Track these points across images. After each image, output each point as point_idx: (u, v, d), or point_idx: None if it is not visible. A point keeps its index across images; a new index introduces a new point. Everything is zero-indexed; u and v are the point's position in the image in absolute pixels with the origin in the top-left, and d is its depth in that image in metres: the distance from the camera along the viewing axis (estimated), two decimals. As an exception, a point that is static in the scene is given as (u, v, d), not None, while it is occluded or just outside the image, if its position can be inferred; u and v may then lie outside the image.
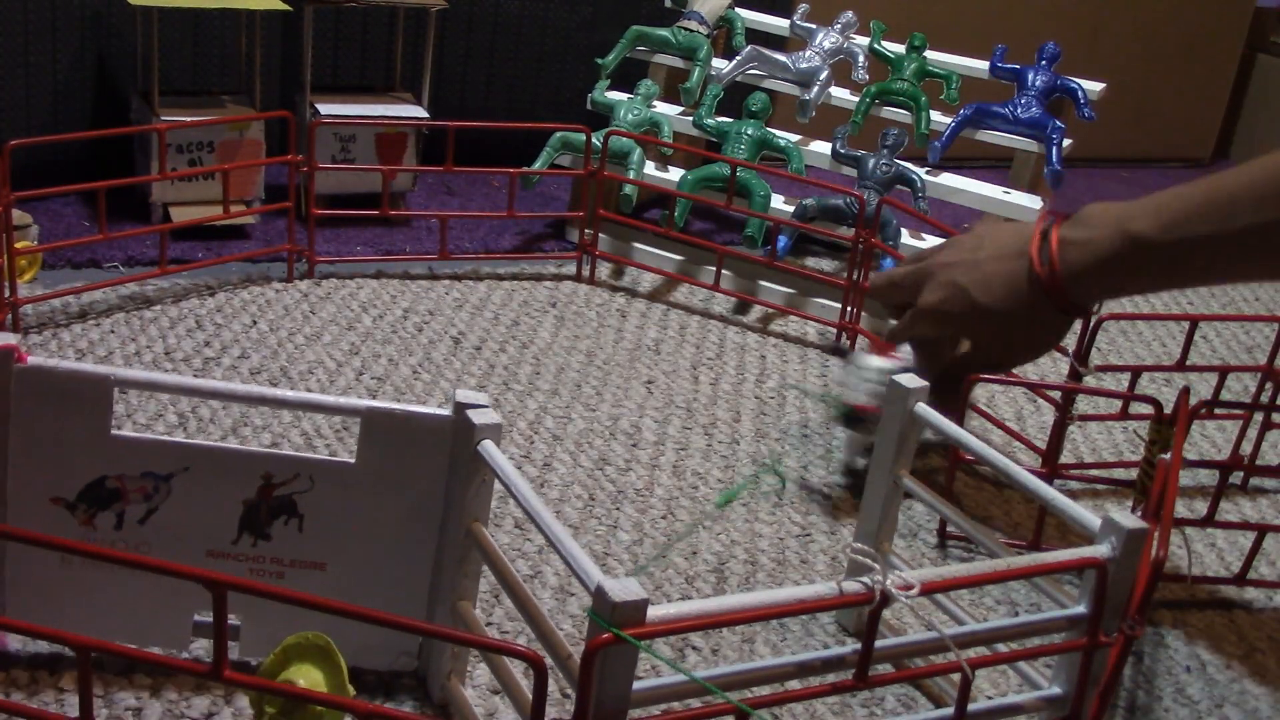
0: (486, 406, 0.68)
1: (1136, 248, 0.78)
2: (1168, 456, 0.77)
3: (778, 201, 1.42)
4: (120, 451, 0.68)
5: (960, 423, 0.87)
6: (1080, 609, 0.66)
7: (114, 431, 0.68)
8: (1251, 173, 0.74)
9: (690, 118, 1.49)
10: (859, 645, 0.60)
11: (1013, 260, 0.85)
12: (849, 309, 1.30)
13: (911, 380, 0.78)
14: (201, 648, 0.73)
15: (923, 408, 0.78)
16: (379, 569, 0.72)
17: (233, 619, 0.70)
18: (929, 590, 0.59)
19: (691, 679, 0.56)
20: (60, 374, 0.67)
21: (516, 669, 0.66)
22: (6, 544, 0.69)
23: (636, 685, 0.55)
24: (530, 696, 0.56)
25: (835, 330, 1.32)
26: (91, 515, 0.69)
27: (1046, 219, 0.85)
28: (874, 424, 0.88)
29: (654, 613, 0.54)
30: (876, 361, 0.96)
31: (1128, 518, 0.64)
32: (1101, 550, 0.64)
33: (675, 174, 1.44)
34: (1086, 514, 0.67)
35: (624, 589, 0.53)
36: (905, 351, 0.96)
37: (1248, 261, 0.76)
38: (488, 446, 0.67)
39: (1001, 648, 0.70)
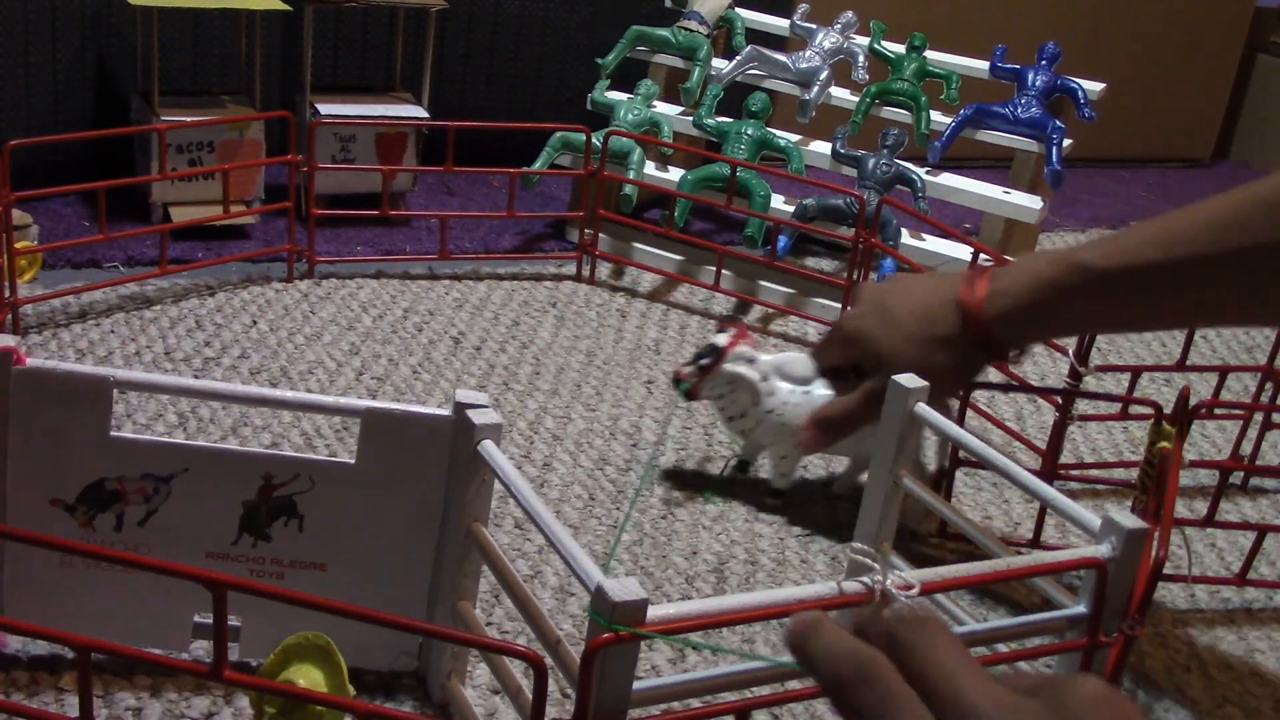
0: (486, 406, 0.68)
1: (1079, 273, 0.75)
2: (1168, 456, 0.77)
3: (778, 201, 1.42)
4: (120, 453, 0.68)
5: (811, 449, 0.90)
6: (1080, 609, 0.66)
7: (113, 433, 0.68)
8: (1202, 207, 0.72)
9: (690, 118, 1.49)
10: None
11: (943, 291, 0.83)
12: (849, 309, 1.30)
13: (911, 380, 0.78)
14: (201, 648, 0.73)
15: (922, 408, 0.78)
16: (379, 569, 0.72)
17: (233, 620, 0.70)
18: (929, 590, 0.59)
19: (691, 644, 0.56)
20: (59, 375, 0.67)
21: (516, 669, 0.66)
22: (6, 545, 0.69)
23: (636, 685, 0.55)
24: (530, 696, 0.56)
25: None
26: (91, 517, 0.69)
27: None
28: (676, 387, 0.94)
29: (654, 613, 0.54)
30: (721, 338, 0.95)
31: (1128, 518, 0.64)
32: (1101, 550, 0.64)
33: (675, 174, 1.44)
34: (1086, 514, 0.67)
35: (624, 589, 0.53)
36: (781, 358, 0.95)
37: (1188, 294, 0.72)
38: (488, 446, 0.67)
39: (1001, 648, 0.70)
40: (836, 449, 0.96)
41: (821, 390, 0.93)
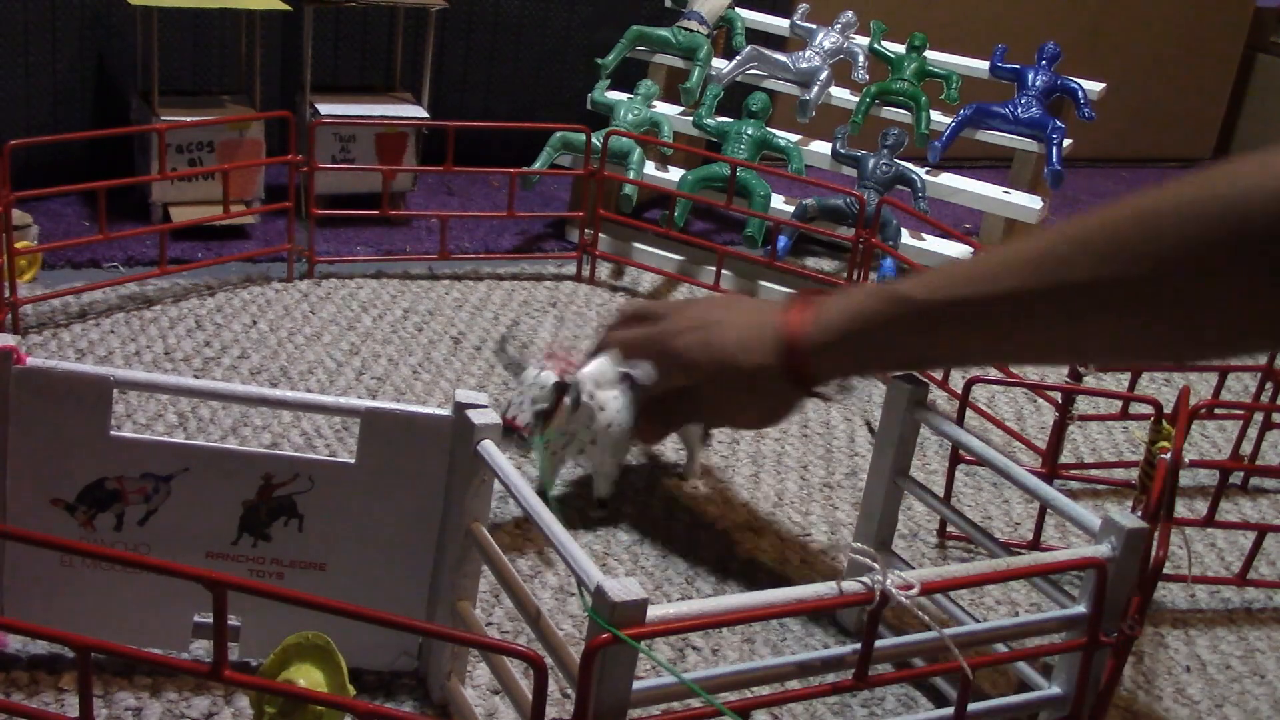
0: (486, 407, 0.68)
1: (899, 305, 0.71)
2: (1168, 456, 0.77)
3: (778, 201, 1.42)
4: (120, 452, 0.68)
5: (648, 443, 0.84)
6: (1080, 609, 0.66)
7: (113, 432, 0.68)
8: (1028, 242, 0.68)
9: (690, 118, 1.49)
10: (859, 645, 0.60)
11: (766, 316, 0.78)
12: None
13: (910, 380, 0.78)
14: (201, 648, 0.73)
15: (920, 408, 0.77)
16: (379, 569, 0.72)
17: (233, 620, 0.70)
18: (929, 590, 0.59)
19: (682, 682, 0.56)
20: (59, 375, 0.67)
21: (516, 669, 0.66)
22: (6, 545, 0.69)
23: (636, 685, 0.55)
24: (530, 696, 0.56)
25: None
26: (91, 516, 0.69)
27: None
28: (522, 445, 0.81)
29: (654, 612, 0.54)
30: (548, 376, 0.82)
31: (1128, 518, 0.64)
32: (1101, 550, 0.64)
33: (675, 174, 1.44)
34: (1086, 514, 0.67)
35: (624, 589, 0.52)
36: (592, 369, 0.84)
37: (1007, 330, 0.68)
38: (488, 446, 0.67)
39: (1001, 648, 0.70)
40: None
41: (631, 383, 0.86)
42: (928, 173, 1.42)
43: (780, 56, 1.49)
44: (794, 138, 1.47)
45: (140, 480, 0.69)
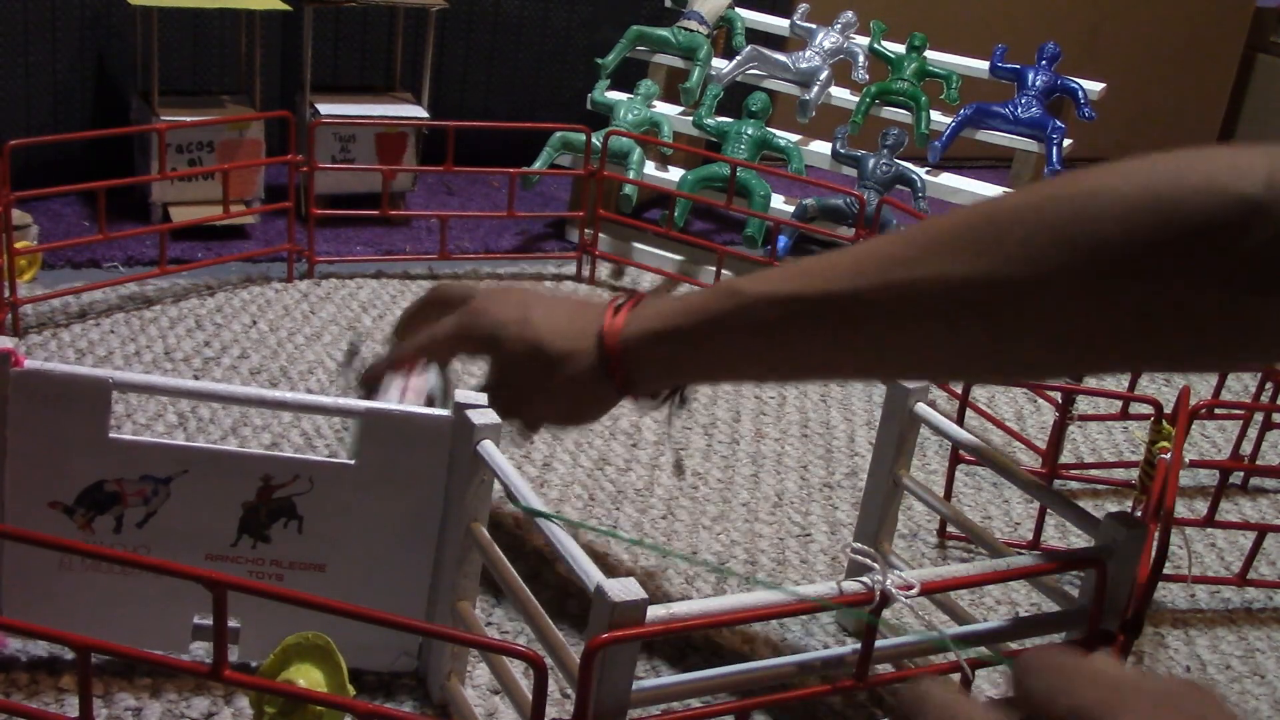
0: (486, 406, 0.68)
1: (731, 299, 0.65)
2: (1168, 456, 0.77)
3: (778, 201, 1.42)
4: (118, 455, 0.68)
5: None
6: (1080, 609, 0.66)
7: (112, 434, 0.68)
8: (878, 242, 0.64)
9: (690, 118, 1.49)
10: (859, 645, 0.60)
11: (591, 310, 0.73)
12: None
13: (910, 380, 0.78)
14: (202, 648, 0.73)
15: (923, 407, 0.77)
16: (379, 570, 0.72)
17: (232, 622, 0.70)
18: (929, 590, 0.59)
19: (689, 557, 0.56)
20: (58, 378, 0.67)
21: (516, 669, 0.66)
22: (4, 548, 0.69)
23: (636, 685, 0.55)
24: (530, 696, 0.56)
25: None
26: (90, 519, 0.69)
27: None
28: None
29: (654, 613, 0.54)
30: (393, 392, 0.76)
31: (1128, 518, 0.64)
32: (1101, 550, 0.64)
33: (675, 174, 1.44)
34: (1086, 514, 0.67)
35: (624, 589, 0.52)
36: (427, 380, 0.78)
37: (846, 335, 0.63)
38: (487, 446, 0.67)
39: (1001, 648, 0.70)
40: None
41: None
42: (928, 173, 1.42)
43: (780, 56, 1.50)
44: (794, 138, 1.47)
45: (139, 482, 0.69)
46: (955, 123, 1.43)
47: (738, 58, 1.51)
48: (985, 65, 1.50)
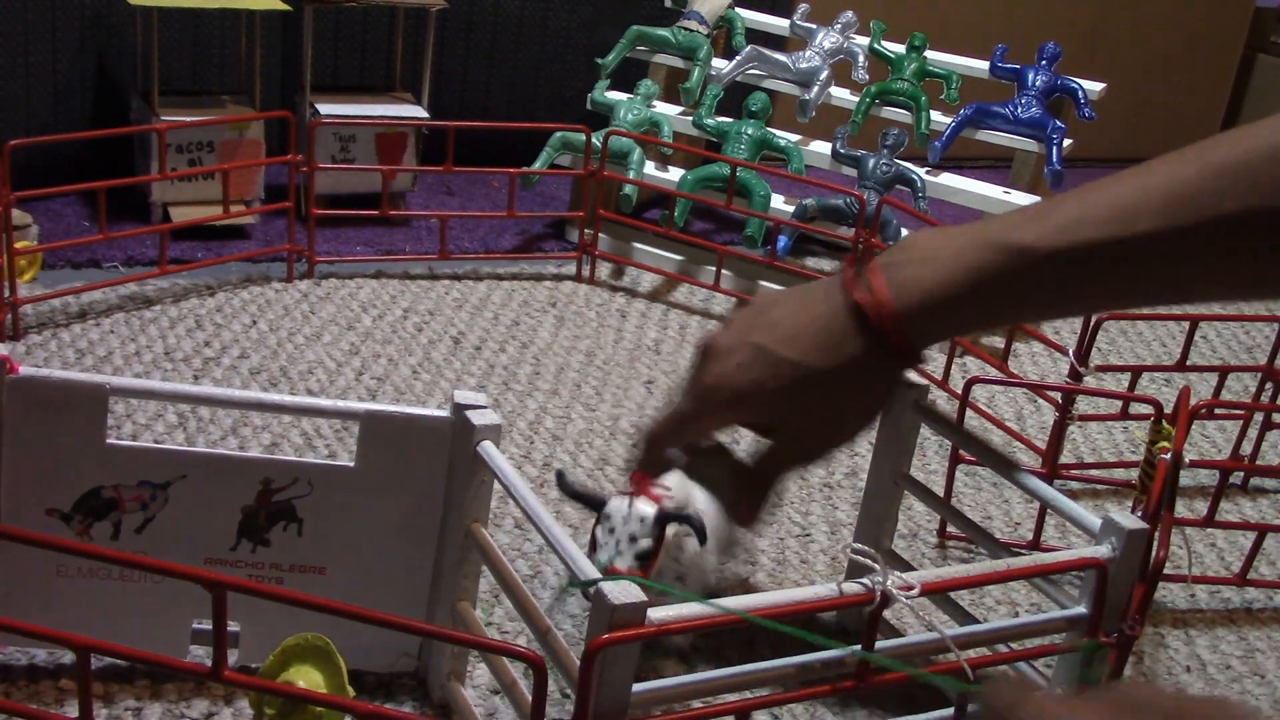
0: (486, 407, 0.68)
1: (1009, 257, 0.62)
2: (1168, 456, 0.77)
3: (778, 201, 1.42)
4: (116, 461, 0.68)
5: (752, 523, 0.70)
6: (1080, 609, 0.66)
7: (109, 440, 0.68)
8: (1151, 175, 0.62)
9: (690, 118, 1.49)
10: (859, 646, 0.60)
11: (820, 303, 0.67)
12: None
13: (911, 378, 0.77)
14: (202, 649, 0.73)
15: (922, 408, 0.77)
16: (379, 571, 0.71)
17: (232, 626, 0.70)
18: (929, 591, 0.59)
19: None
20: (54, 384, 0.66)
21: (516, 669, 0.66)
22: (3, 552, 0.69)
23: (637, 687, 0.55)
24: (530, 697, 0.56)
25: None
26: (88, 525, 0.69)
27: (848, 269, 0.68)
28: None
29: (654, 614, 0.54)
30: (644, 507, 0.67)
31: (1128, 518, 0.64)
32: (1101, 550, 0.64)
33: (675, 174, 1.44)
34: (1086, 514, 0.67)
35: (623, 591, 0.52)
36: (673, 482, 0.70)
37: (1142, 274, 0.62)
38: (487, 447, 0.67)
39: (1001, 648, 0.70)
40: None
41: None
42: (928, 173, 1.42)
43: (780, 56, 1.49)
44: (794, 138, 1.46)
45: (137, 488, 0.68)
46: (955, 123, 1.43)
47: (738, 58, 1.51)
48: (985, 65, 1.50)
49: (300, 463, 0.70)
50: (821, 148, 1.46)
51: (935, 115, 1.45)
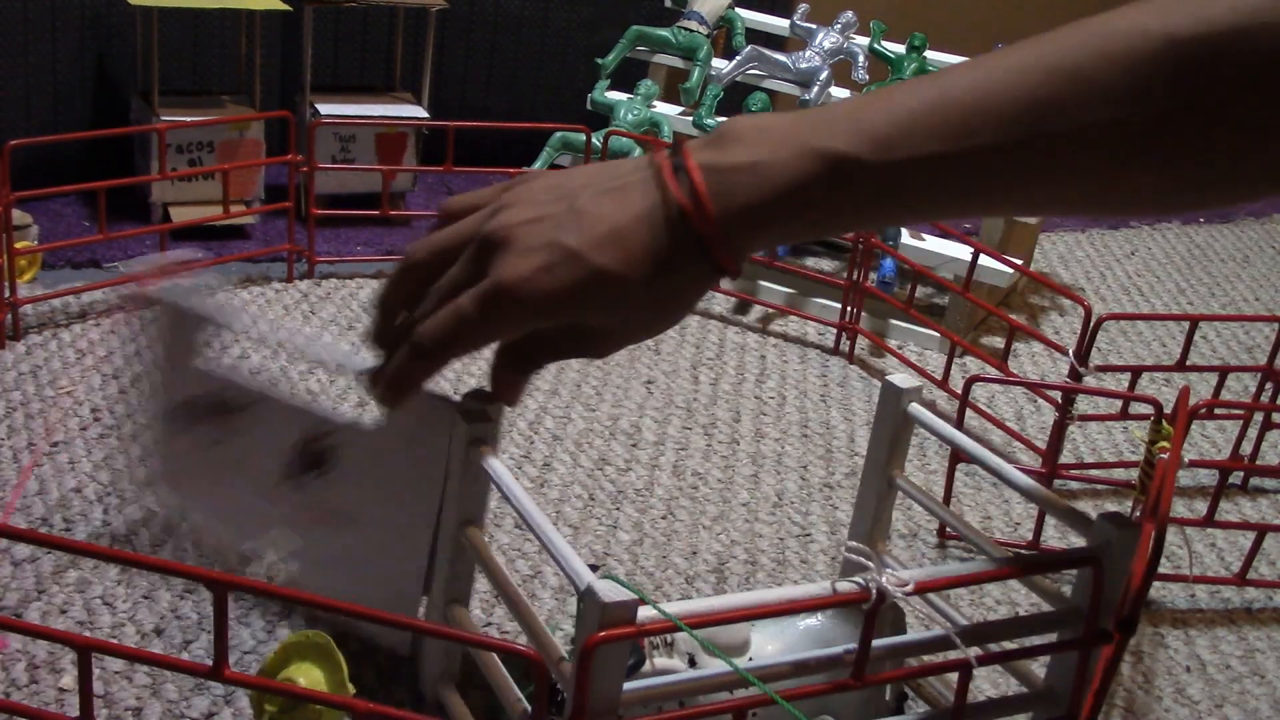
0: (486, 408, 0.68)
1: (838, 172, 0.56)
2: (1166, 456, 0.77)
3: (778, 201, 1.42)
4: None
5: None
6: (1076, 607, 0.66)
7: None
8: (985, 75, 0.56)
9: (690, 118, 1.49)
10: (856, 645, 0.60)
11: (637, 199, 0.59)
12: (849, 309, 1.30)
13: (904, 380, 0.77)
14: (202, 649, 0.73)
15: (916, 408, 0.77)
16: (378, 566, 0.72)
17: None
18: (924, 589, 0.59)
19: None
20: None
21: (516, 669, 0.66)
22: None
23: (630, 685, 0.55)
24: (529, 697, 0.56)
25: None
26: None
27: (663, 148, 0.61)
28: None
29: (648, 613, 0.54)
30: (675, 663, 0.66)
31: (1123, 517, 0.64)
32: (1097, 549, 0.64)
33: (675, 174, 1.44)
34: (1081, 513, 0.67)
35: (614, 589, 0.52)
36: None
37: (987, 187, 0.57)
38: (483, 449, 0.67)
39: (997, 647, 0.70)
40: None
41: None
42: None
43: (780, 56, 1.50)
44: (794, 137, 1.46)
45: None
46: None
47: (738, 58, 1.51)
48: (985, 65, 1.50)
49: (338, 419, 0.74)
50: (821, 147, 1.46)
51: (935, 115, 1.45)
